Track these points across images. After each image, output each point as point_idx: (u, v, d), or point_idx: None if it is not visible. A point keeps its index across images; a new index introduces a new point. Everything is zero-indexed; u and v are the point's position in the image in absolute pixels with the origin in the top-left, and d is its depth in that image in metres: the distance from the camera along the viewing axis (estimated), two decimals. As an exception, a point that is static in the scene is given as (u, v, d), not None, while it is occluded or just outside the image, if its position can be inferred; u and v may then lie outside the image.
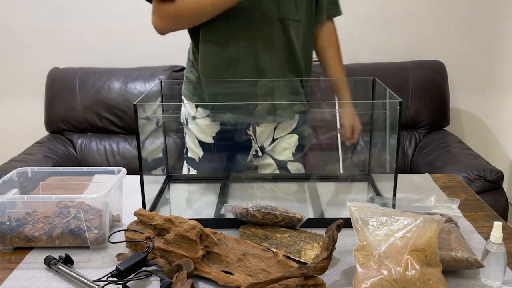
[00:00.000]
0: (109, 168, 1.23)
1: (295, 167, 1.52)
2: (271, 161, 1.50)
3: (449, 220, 1.08)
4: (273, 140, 1.49)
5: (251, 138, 1.48)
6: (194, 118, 1.47)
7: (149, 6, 1.31)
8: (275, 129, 1.48)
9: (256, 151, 1.49)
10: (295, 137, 1.51)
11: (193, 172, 1.53)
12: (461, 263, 0.95)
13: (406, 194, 1.26)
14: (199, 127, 1.47)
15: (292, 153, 1.50)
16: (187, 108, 1.50)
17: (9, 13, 2.78)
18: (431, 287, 0.87)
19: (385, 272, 0.89)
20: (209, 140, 1.47)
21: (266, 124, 1.47)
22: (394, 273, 0.88)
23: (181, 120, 1.53)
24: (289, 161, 1.51)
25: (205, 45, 1.37)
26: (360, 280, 0.89)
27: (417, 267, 0.88)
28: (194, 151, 1.51)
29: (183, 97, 1.52)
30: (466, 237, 1.10)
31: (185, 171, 1.54)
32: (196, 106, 1.47)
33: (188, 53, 1.51)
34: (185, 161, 1.56)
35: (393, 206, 1.17)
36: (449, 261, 0.95)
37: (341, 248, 1.07)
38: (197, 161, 1.51)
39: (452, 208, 1.12)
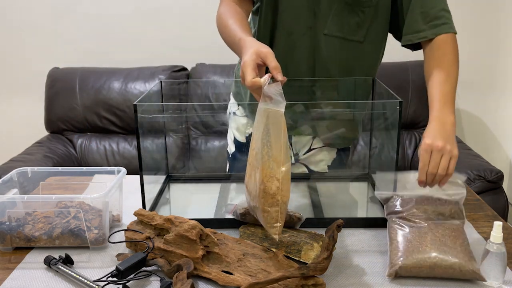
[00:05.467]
0: (109, 168, 1.23)
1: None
2: (304, 169, 1.47)
3: (454, 214, 1.05)
4: (309, 150, 1.44)
5: None
6: (234, 114, 1.49)
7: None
8: (313, 138, 1.44)
9: (290, 157, 1.44)
10: (333, 151, 1.45)
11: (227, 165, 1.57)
12: (464, 275, 0.96)
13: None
14: (236, 124, 1.49)
15: (328, 166, 1.46)
16: (230, 104, 1.52)
17: (10, 13, 2.78)
18: None
19: None
20: (242, 139, 1.48)
21: (304, 135, 1.43)
22: None
23: (227, 113, 1.55)
24: (324, 173, 1.46)
25: None
26: None
27: None
28: (229, 145, 1.54)
29: (230, 93, 1.54)
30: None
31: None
32: (238, 104, 1.49)
33: None
34: None
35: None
36: (453, 273, 0.96)
37: (341, 248, 1.07)
38: (230, 155, 1.54)
39: (459, 183, 1.08)
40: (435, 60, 1.22)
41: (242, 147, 1.48)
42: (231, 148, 1.53)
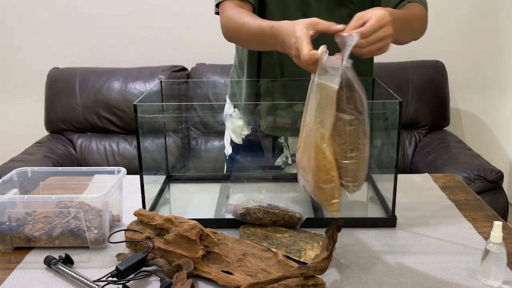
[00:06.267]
0: (109, 168, 1.23)
1: None
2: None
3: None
4: None
5: (282, 145, 1.46)
6: (230, 116, 1.50)
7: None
8: None
9: (287, 157, 1.46)
10: None
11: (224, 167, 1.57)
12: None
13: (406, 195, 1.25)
14: (232, 126, 1.50)
15: None
16: (227, 106, 1.53)
17: (9, 13, 2.78)
18: None
19: None
20: (238, 140, 1.49)
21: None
22: None
23: (224, 115, 1.55)
24: None
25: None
26: None
27: None
28: (226, 147, 1.55)
29: (227, 95, 1.54)
30: (466, 237, 1.10)
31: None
32: (234, 106, 1.49)
33: (235, 53, 1.49)
34: None
35: (393, 207, 1.17)
36: None
37: (341, 248, 1.07)
38: (227, 157, 1.54)
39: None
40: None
41: (239, 149, 1.49)
42: (228, 150, 1.53)
